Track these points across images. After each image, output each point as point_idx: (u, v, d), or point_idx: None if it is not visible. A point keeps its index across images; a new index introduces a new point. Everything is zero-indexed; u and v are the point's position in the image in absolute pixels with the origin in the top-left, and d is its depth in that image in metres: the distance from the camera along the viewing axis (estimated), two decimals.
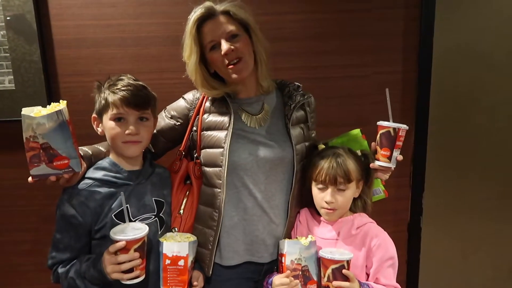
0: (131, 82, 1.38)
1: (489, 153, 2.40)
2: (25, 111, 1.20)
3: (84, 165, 1.38)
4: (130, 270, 1.26)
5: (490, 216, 2.47)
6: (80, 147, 1.42)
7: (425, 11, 2.13)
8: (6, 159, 2.11)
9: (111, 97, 1.34)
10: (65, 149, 1.24)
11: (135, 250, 1.25)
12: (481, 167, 2.41)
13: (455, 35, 2.23)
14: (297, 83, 1.60)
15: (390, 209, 2.29)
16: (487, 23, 2.24)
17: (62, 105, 1.25)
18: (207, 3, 1.43)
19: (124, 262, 1.25)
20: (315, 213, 1.57)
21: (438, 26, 2.15)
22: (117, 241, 1.24)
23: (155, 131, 1.55)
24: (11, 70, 1.98)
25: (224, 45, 1.39)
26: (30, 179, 1.25)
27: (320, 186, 1.46)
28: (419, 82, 2.21)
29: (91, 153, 1.44)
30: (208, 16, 1.42)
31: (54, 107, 1.24)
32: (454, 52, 2.25)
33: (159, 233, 1.45)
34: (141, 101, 1.36)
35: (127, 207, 1.35)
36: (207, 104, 1.53)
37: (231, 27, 1.41)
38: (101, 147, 1.49)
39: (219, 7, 1.43)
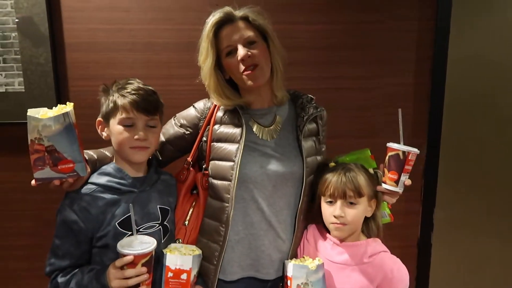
0: (141, 86, 1.34)
1: (504, 169, 2.34)
2: (31, 112, 1.16)
3: (89, 169, 1.33)
4: (136, 285, 1.21)
5: (501, 234, 2.41)
6: (85, 151, 1.38)
7: (440, 23, 2.09)
8: (12, 161, 2.07)
9: (121, 101, 1.30)
10: (70, 152, 1.20)
11: (143, 265, 1.20)
12: (495, 184, 2.35)
13: (469, 47, 2.19)
14: (310, 95, 1.56)
15: (400, 223, 2.24)
16: (502, 35, 2.20)
17: (69, 107, 1.21)
18: (226, 8, 1.40)
19: (130, 277, 1.19)
20: (324, 231, 1.50)
21: (452, 38, 2.12)
22: (124, 255, 1.19)
23: (163, 139, 1.51)
24: (21, 72, 1.96)
25: (241, 51, 1.36)
26: (33, 182, 1.21)
27: (329, 200, 1.41)
28: (432, 95, 2.17)
29: (96, 157, 1.39)
30: (227, 20, 1.38)
31: (61, 109, 1.19)
32: (468, 63, 2.20)
33: (162, 241, 1.40)
34: (151, 106, 1.32)
35: (131, 214, 1.30)
36: (219, 114, 1.48)
37: (249, 33, 1.38)
38: (107, 151, 1.44)
39: (238, 13, 1.39)
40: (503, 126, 2.30)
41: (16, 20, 1.92)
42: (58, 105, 1.22)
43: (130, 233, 1.29)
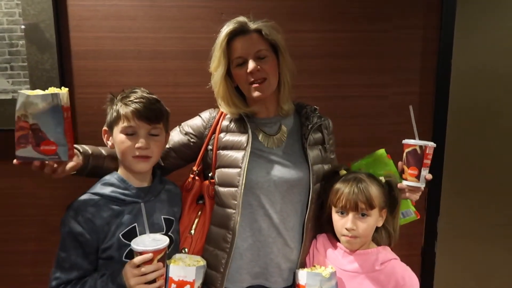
0: (144, 95, 1.32)
1: (507, 177, 2.31)
2: (23, 91, 1.15)
3: (80, 161, 1.31)
4: (153, 281, 1.20)
5: (506, 243, 2.36)
6: (81, 145, 1.36)
7: (444, 32, 2.07)
8: (19, 167, 2.08)
9: (123, 109, 1.28)
10: (54, 134, 1.16)
11: (158, 261, 1.19)
12: (499, 192, 2.31)
13: (474, 56, 2.15)
14: (314, 106, 1.56)
15: (404, 232, 2.20)
16: (506, 44, 2.17)
17: (62, 91, 1.18)
18: (241, 18, 1.39)
19: (147, 274, 1.17)
20: (334, 240, 1.47)
21: (457, 47, 2.09)
22: (140, 253, 1.16)
23: (167, 145, 1.49)
24: (28, 79, 1.94)
25: (251, 64, 1.36)
26: (15, 161, 1.18)
27: (341, 212, 1.38)
28: (436, 104, 2.14)
29: (90, 152, 1.37)
30: (241, 31, 1.38)
31: (52, 90, 1.17)
32: (472, 73, 2.17)
33: (167, 252, 1.33)
34: (153, 115, 1.30)
35: (135, 225, 1.30)
36: (224, 123, 1.47)
37: (260, 47, 1.38)
38: (103, 150, 1.42)
39: (252, 25, 1.39)
40: (507, 135, 2.27)
41: (23, 26, 1.91)
42: (51, 87, 1.19)
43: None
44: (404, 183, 1.41)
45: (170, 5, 1.99)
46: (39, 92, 1.16)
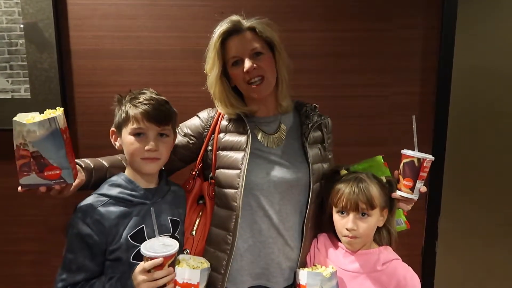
0: (153, 96, 1.31)
1: (508, 177, 2.30)
2: (18, 117, 1.11)
3: (83, 177, 1.30)
4: (163, 286, 1.18)
5: (506, 242, 2.35)
6: (82, 159, 1.35)
7: (445, 32, 2.06)
8: (14, 167, 2.06)
9: (132, 111, 1.27)
10: (56, 158, 1.14)
11: (169, 266, 1.17)
12: (499, 192, 2.31)
13: (475, 56, 2.14)
14: (314, 104, 1.54)
15: (404, 232, 2.22)
16: (507, 44, 2.16)
17: (58, 112, 1.15)
18: (234, 18, 1.38)
19: (158, 279, 1.16)
20: (335, 240, 1.45)
21: (458, 47, 2.08)
22: (151, 258, 1.15)
23: None
24: (27, 78, 1.93)
25: (247, 63, 1.34)
26: (19, 188, 1.16)
27: (341, 212, 1.37)
28: (437, 104, 2.12)
29: (92, 166, 1.35)
30: (234, 31, 1.36)
31: (48, 114, 1.14)
32: (474, 73, 2.16)
33: None
34: (163, 116, 1.29)
35: (143, 227, 1.28)
36: (223, 122, 1.46)
37: (255, 45, 1.36)
38: (104, 161, 1.41)
39: (246, 23, 1.37)
40: (508, 135, 2.26)
41: (22, 25, 1.89)
42: (47, 110, 1.16)
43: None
44: (398, 193, 1.39)
45: (170, 4, 1.98)
46: (35, 118, 1.12)
